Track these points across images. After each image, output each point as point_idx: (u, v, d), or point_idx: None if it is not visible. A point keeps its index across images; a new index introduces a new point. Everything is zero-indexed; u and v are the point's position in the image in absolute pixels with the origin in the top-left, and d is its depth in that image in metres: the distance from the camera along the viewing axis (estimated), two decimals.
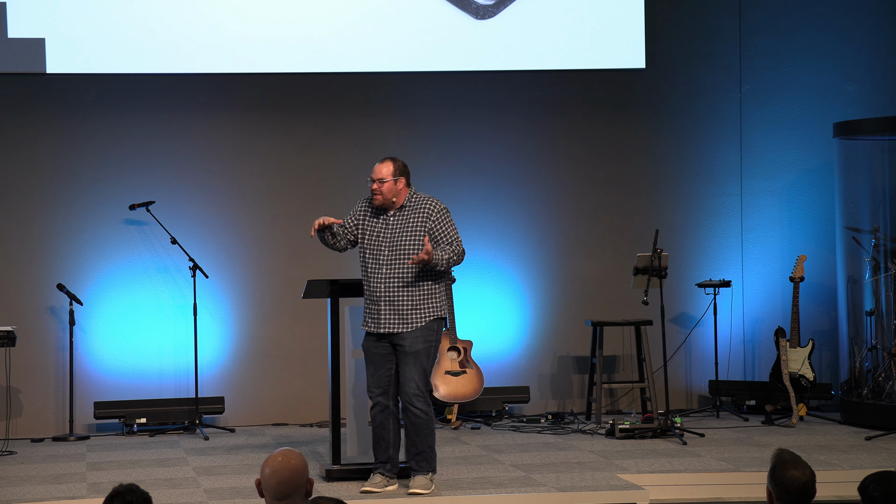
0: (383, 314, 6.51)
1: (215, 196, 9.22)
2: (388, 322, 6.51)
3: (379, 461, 6.64)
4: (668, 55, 9.67)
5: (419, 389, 6.50)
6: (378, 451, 6.65)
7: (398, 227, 6.57)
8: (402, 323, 6.50)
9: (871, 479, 3.53)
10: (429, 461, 6.59)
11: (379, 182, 6.60)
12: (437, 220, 6.56)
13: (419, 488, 6.52)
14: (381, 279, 6.53)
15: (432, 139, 9.44)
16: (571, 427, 8.78)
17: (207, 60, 9.03)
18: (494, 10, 9.27)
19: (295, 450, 3.74)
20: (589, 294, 9.58)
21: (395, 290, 6.51)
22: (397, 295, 6.51)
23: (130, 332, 9.05)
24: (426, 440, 6.56)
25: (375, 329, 6.55)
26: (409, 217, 6.58)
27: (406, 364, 6.51)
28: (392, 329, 6.51)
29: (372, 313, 6.56)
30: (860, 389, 8.89)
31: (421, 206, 6.60)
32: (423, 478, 6.56)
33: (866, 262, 9.06)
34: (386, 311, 6.51)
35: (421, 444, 6.55)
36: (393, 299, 6.50)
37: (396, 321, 6.51)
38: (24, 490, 6.87)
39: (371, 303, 6.57)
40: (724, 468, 7.23)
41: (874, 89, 9.82)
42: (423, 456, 6.57)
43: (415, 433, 6.55)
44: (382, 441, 6.62)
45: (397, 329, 6.51)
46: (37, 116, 9.05)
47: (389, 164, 6.63)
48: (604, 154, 9.68)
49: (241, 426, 9.05)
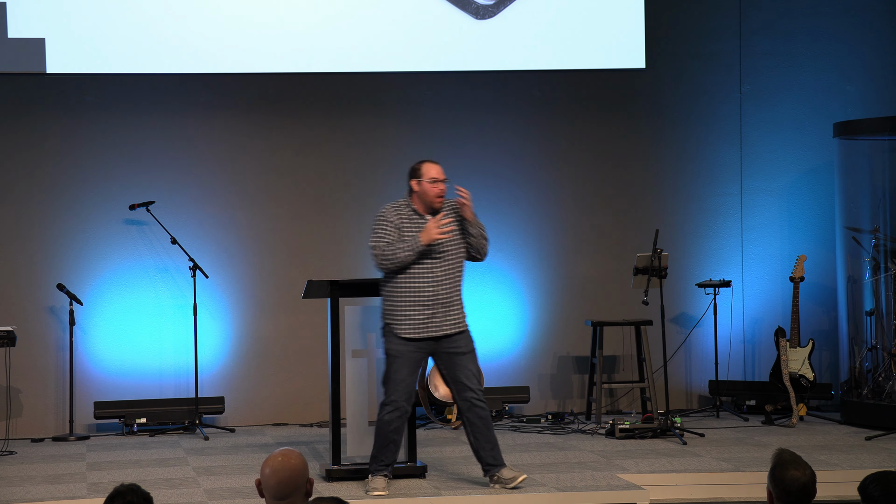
0: (438, 318, 6.48)
1: (215, 196, 9.22)
2: (443, 325, 6.49)
3: (384, 464, 6.61)
4: (668, 55, 9.67)
5: (479, 384, 6.59)
6: (387, 454, 6.59)
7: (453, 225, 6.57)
8: (455, 325, 6.52)
9: (871, 479, 3.53)
10: (500, 451, 6.64)
11: (445, 182, 6.60)
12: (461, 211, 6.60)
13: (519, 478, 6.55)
14: (432, 283, 6.48)
15: (432, 139, 9.44)
16: (571, 427, 8.78)
17: (207, 60, 9.03)
18: (494, 10, 9.27)
19: (295, 450, 3.74)
20: (589, 294, 9.58)
21: (448, 294, 6.51)
22: (450, 298, 6.51)
23: (130, 332, 9.05)
24: (493, 430, 6.62)
25: (430, 334, 6.48)
26: (451, 218, 6.58)
27: (466, 362, 6.53)
28: (448, 331, 6.50)
29: (422, 318, 6.47)
30: (860, 389, 8.89)
31: (449, 206, 6.64)
32: (507, 469, 6.60)
33: (866, 262, 9.06)
34: (441, 314, 6.48)
35: (492, 435, 6.60)
36: (447, 302, 6.50)
37: (452, 324, 6.51)
38: (24, 490, 6.87)
39: (422, 307, 6.47)
40: (724, 468, 7.23)
41: (874, 89, 9.83)
42: (497, 447, 6.62)
43: (486, 428, 6.57)
44: (393, 444, 6.60)
45: (452, 331, 6.51)
46: (37, 116, 9.05)
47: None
48: (604, 154, 9.68)
49: (241, 426, 9.05)
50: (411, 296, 6.48)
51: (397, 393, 6.51)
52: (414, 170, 6.65)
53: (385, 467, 6.62)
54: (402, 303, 6.49)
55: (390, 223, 6.54)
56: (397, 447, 6.62)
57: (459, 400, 6.59)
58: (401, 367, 6.50)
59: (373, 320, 6.99)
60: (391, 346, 6.52)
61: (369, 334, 6.98)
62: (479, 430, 6.56)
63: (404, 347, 6.49)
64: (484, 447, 6.58)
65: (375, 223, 6.57)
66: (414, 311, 6.47)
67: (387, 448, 6.59)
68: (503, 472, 6.60)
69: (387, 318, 6.56)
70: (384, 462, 6.61)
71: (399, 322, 6.49)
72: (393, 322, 6.51)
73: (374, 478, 6.60)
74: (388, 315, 6.55)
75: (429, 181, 6.58)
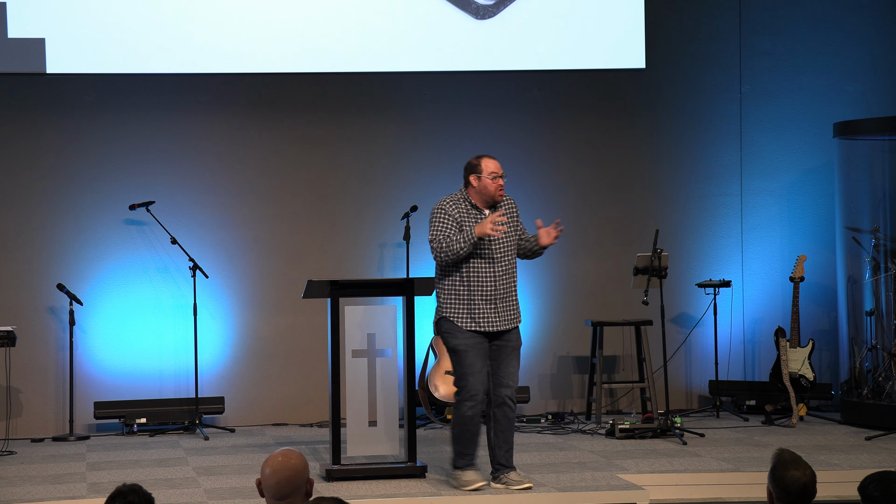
0: (500, 312, 6.57)
1: (215, 196, 9.22)
2: (505, 320, 6.58)
3: (471, 457, 6.67)
4: (668, 55, 9.67)
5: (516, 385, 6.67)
6: (472, 447, 6.66)
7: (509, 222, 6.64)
8: (513, 320, 6.62)
9: (871, 479, 3.53)
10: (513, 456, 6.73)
11: (504, 177, 6.68)
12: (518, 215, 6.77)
13: (527, 482, 6.62)
14: (495, 277, 6.56)
15: (432, 139, 9.44)
16: (571, 427, 8.78)
17: (207, 60, 9.03)
18: (494, 10, 9.27)
19: (295, 450, 3.74)
20: (589, 294, 9.58)
21: (508, 288, 6.60)
22: (510, 292, 6.60)
23: (130, 332, 9.05)
24: (513, 435, 6.73)
25: (494, 328, 6.56)
26: (507, 215, 6.66)
27: (511, 360, 6.62)
28: (510, 325, 6.60)
29: (485, 312, 6.55)
30: (860, 389, 8.89)
31: (508, 202, 6.73)
32: (516, 473, 6.66)
33: (866, 262, 9.06)
34: (503, 308, 6.57)
35: (512, 440, 6.69)
36: (507, 296, 6.59)
37: (512, 318, 6.61)
38: (24, 490, 6.87)
39: (485, 302, 6.55)
40: (724, 468, 7.23)
41: (874, 89, 9.83)
42: (512, 451, 6.71)
43: (509, 429, 6.66)
44: (476, 437, 6.67)
45: (512, 325, 6.61)
46: (37, 116, 9.04)
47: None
48: (604, 154, 9.68)
49: (241, 426, 9.05)
50: (474, 290, 6.56)
51: (476, 387, 6.58)
52: (473, 165, 6.70)
53: (473, 460, 6.68)
54: (465, 297, 6.57)
55: (450, 217, 6.61)
56: (479, 437, 6.69)
57: (493, 394, 6.66)
58: (474, 359, 6.58)
59: (373, 320, 7.00)
60: (459, 341, 6.59)
61: (369, 334, 6.98)
62: (502, 429, 6.64)
63: (472, 340, 6.57)
64: (501, 446, 6.66)
65: (435, 217, 6.64)
66: (476, 305, 6.56)
67: (471, 442, 6.66)
68: (511, 474, 6.64)
69: (446, 311, 6.62)
70: (471, 455, 6.68)
71: (462, 316, 6.57)
72: (454, 315, 6.58)
73: (465, 472, 6.65)
74: (447, 309, 6.62)
75: (489, 176, 6.65)
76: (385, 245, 9.38)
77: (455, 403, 6.70)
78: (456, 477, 6.69)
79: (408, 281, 7.07)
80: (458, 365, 6.63)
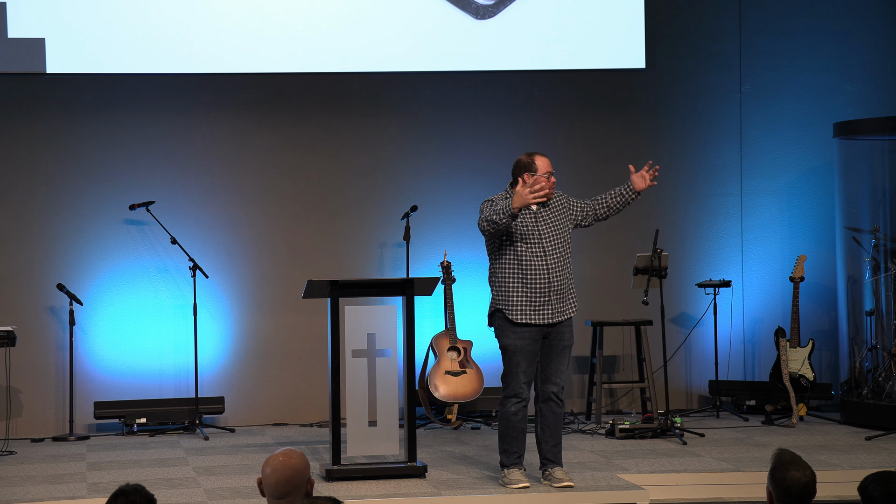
0: (552, 305, 6.61)
1: (215, 196, 9.22)
2: (557, 312, 6.62)
3: (517, 455, 6.69)
4: (668, 55, 9.67)
5: (564, 383, 6.71)
6: (518, 445, 6.69)
7: (553, 219, 6.70)
8: (566, 311, 6.67)
9: (871, 479, 3.53)
10: (561, 450, 6.75)
11: (552, 175, 6.72)
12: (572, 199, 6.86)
13: (567, 480, 6.63)
14: (548, 270, 6.60)
15: (432, 139, 9.44)
16: (571, 427, 8.77)
17: (207, 60, 9.03)
18: (494, 10, 9.27)
19: (296, 450, 3.74)
20: (589, 294, 9.57)
21: (562, 281, 6.63)
22: (564, 285, 6.64)
23: (130, 332, 9.05)
24: (561, 429, 6.76)
25: (546, 320, 6.60)
26: (558, 209, 6.74)
27: (562, 358, 6.67)
28: (563, 317, 6.65)
29: (538, 305, 6.59)
30: (860, 389, 8.89)
31: (558, 198, 6.79)
32: (561, 470, 6.68)
33: (866, 262, 9.06)
34: (556, 300, 6.61)
35: (559, 433, 6.72)
36: (560, 289, 6.62)
37: (564, 309, 6.66)
38: (24, 490, 6.87)
39: (538, 295, 6.59)
40: (724, 468, 7.23)
41: (874, 89, 9.82)
42: (560, 445, 6.73)
43: (555, 424, 6.69)
44: (523, 434, 6.70)
45: (565, 316, 6.66)
46: (37, 116, 9.05)
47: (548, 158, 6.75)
48: (604, 154, 9.68)
49: (241, 426, 9.05)
50: (526, 282, 6.60)
51: (520, 385, 6.62)
52: (527, 164, 6.71)
53: (519, 459, 6.70)
54: (517, 289, 6.60)
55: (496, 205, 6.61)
56: (525, 436, 6.70)
57: (540, 389, 6.70)
58: (521, 357, 6.62)
59: (373, 320, 7.00)
60: (509, 341, 6.63)
61: (369, 334, 6.98)
62: (549, 425, 6.68)
63: (522, 341, 6.60)
64: (548, 441, 6.69)
65: (484, 205, 6.66)
66: (528, 297, 6.59)
67: (515, 440, 6.68)
68: (556, 471, 6.68)
69: (500, 303, 6.66)
70: (517, 453, 6.70)
71: (512, 307, 6.59)
72: (505, 307, 6.61)
73: (509, 471, 6.68)
74: (500, 301, 6.65)
75: (543, 175, 6.68)
76: (385, 245, 9.39)
77: (500, 400, 6.75)
78: (502, 475, 6.74)
79: (408, 281, 7.07)
80: (505, 363, 6.70)
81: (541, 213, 6.69)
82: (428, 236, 9.30)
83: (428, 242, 9.31)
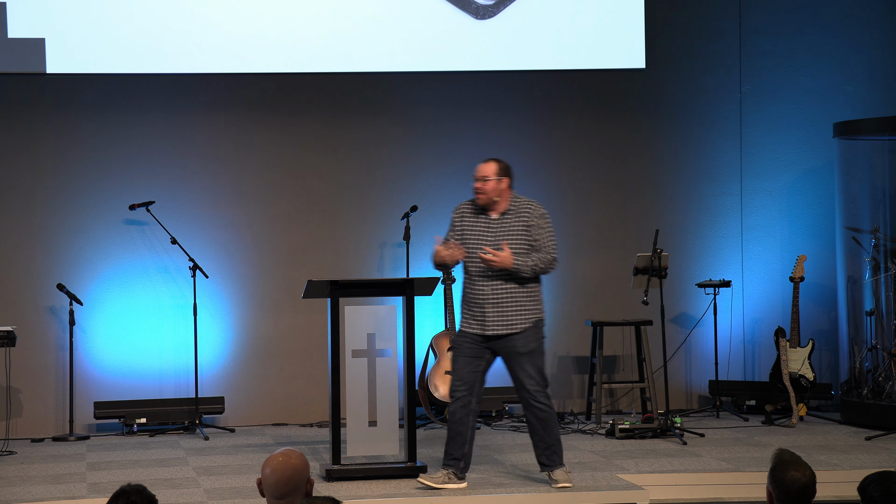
0: (489, 317, 6.54)
1: (215, 196, 9.22)
2: (494, 325, 6.54)
3: (452, 458, 6.65)
4: (668, 55, 9.67)
5: (539, 385, 6.59)
6: (453, 447, 6.64)
7: (502, 230, 6.61)
8: (508, 325, 6.54)
9: (871, 479, 3.52)
10: (558, 454, 6.67)
11: (483, 180, 6.64)
12: (538, 226, 6.64)
13: (564, 482, 6.60)
14: (486, 282, 6.55)
15: (432, 139, 9.44)
16: (571, 427, 8.77)
17: (207, 60, 9.03)
18: (494, 10, 9.27)
19: (296, 450, 3.74)
20: (589, 294, 9.58)
21: (501, 293, 6.53)
22: (503, 297, 6.54)
23: (130, 332, 9.05)
24: (553, 433, 6.65)
25: (481, 331, 6.57)
26: (512, 221, 6.63)
27: (522, 363, 6.57)
28: (499, 331, 6.54)
29: (476, 316, 6.57)
30: (860, 389, 8.89)
31: (524, 209, 6.66)
32: (560, 471, 6.64)
33: (866, 262, 9.06)
34: (492, 313, 6.54)
35: (549, 437, 6.64)
36: (499, 302, 6.54)
37: (503, 324, 6.54)
38: (24, 490, 6.87)
39: (476, 305, 6.57)
40: (724, 468, 7.23)
41: (874, 89, 9.82)
42: (553, 449, 6.65)
43: (542, 428, 6.62)
44: (459, 437, 6.64)
45: (504, 332, 6.54)
46: (37, 116, 9.04)
47: (493, 164, 6.68)
48: (604, 154, 9.68)
49: (241, 426, 9.05)
50: (469, 293, 6.62)
51: (455, 384, 6.66)
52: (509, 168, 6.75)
53: (453, 461, 6.64)
54: (463, 296, 6.66)
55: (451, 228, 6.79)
56: (464, 440, 6.64)
57: (520, 399, 6.71)
58: (457, 357, 6.67)
59: (373, 320, 6.99)
60: (453, 340, 6.67)
61: (369, 334, 6.98)
62: (535, 431, 6.66)
63: (460, 338, 6.65)
64: (538, 446, 6.68)
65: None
66: (472, 308, 6.61)
67: (453, 441, 6.66)
68: (556, 472, 6.66)
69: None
70: (452, 456, 6.66)
71: (462, 317, 6.65)
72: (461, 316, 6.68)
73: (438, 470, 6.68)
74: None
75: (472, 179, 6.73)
76: (385, 245, 9.38)
77: None
78: None
79: (408, 281, 7.07)
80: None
81: (493, 223, 6.64)
82: (428, 236, 9.28)
83: (428, 242, 9.26)
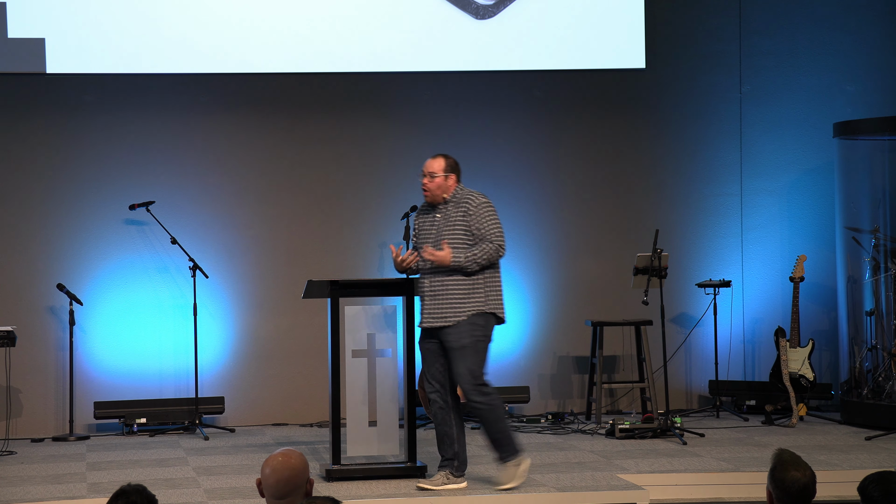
0: (425, 310, 6.58)
1: (215, 196, 9.22)
2: (429, 317, 6.56)
3: (445, 459, 6.64)
4: (668, 55, 9.67)
5: (470, 383, 6.50)
6: (443, 449, 6.64)
7: (442, 223, 6.60)
8: (442, 318, 6.52)
9: (871, 479, 3.52)
10: (503, 448, 6.57)
11: (429, 176, 6.62)
12: (476, 215, 6.56)
13: (507, 482, 6.55)
14: (428, 276, 6.58)
15: (432, 139, 9.43)
16: (571, 427, 8.78)
17: (207, 60, 9.03)
18: (494, 10, 9.27)
19: (296, 450, 3.74)
20: (589, 294, 9.58)
21: (438, 286, 6.54)
22: (439, 291, 6.54)
23: (130, 332, 9.05)
24: (493, 427, 6.55)
25: (422, 324, 6.61)
26: (451, 213, 6.61)
27: (454, 360, 6.53)
28: (434, 324, 6.55)
29: (421, 310, 6.62)
30: (860, 389, 8.89)
31: (462, 200, 6.61)
32: (509, 467, 6.56)
33: (866, 262, 9.06)
34: (429, 306, 6.55)
35: (490, 432, 6.58)
36: (436, 295, 6.54)
37: (438, 317, 6.54)
38: (24, 490, 6.87)
39: (420, 299, 6.64)
40: (724, 468, 7.23)
41: (874, 89, 9.82)
42: (497, 444, 6.58)
43: (482, 425, 6.61)
44: (447, 437, 6.62)
45: (438, 324, 6.53)
46: (37, 116, 9.05)
47: (441, 159, 6.66)
48: (604, 154, 9.68)
49: (241, 426, 9.05)
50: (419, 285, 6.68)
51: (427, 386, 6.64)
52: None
53: (447, 462, 6.63)
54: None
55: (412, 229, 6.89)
56: (452, 440, 6.61)
57: None
58: (423, 359, 6.67)
59: (373, 320, 7.00)
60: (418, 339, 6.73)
61: (369, 334, 6.98)
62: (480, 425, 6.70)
63: (420, 339, 6.68)
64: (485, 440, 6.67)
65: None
66: (420, 298, 6.66)
67: (441, 442, 6.65)
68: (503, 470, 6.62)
69: None
70: (445, 457, 6.64)
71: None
72: None
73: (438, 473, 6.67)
74: None
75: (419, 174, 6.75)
76: (385, 245, 9.38)
77: None
78: None
79: (408, 281, 7.07)
80: None
81: (437, 220, 6.64)
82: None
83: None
